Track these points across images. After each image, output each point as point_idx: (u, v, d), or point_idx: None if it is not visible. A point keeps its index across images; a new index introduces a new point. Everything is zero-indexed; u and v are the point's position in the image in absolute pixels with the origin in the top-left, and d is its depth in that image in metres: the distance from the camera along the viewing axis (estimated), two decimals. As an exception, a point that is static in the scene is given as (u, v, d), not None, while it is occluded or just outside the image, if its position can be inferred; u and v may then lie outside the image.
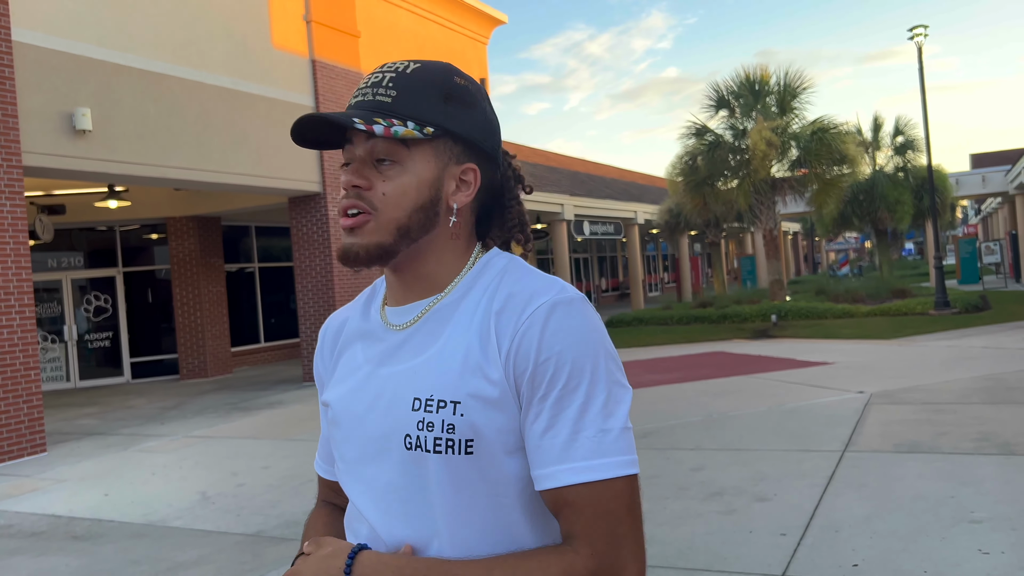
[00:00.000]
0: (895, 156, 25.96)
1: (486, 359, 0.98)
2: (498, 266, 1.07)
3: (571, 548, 0.94)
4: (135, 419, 10.42)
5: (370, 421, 1.05)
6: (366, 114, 1.00)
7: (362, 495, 1.06)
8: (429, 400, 0.99)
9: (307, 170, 12.50)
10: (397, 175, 1.01)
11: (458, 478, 0.98)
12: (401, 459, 1.01)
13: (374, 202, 1.01)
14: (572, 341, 0.96)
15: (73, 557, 4.94)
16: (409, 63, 1.04)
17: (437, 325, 1.03)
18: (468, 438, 0.97)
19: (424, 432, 0.98)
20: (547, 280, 1.03)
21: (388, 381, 1.04)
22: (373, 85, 1.03)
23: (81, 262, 15.11)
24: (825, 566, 3.92)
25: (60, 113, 8.89)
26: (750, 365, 11.18)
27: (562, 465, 0.94)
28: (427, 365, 1.01)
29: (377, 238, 1.01)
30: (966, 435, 6.26)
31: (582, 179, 28.43)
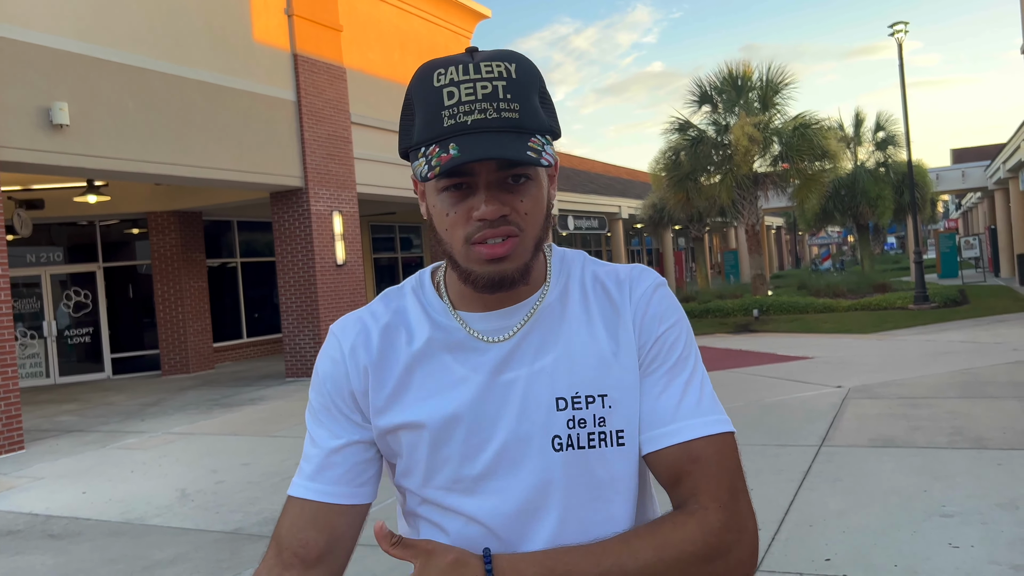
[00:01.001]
0: (876, 151, 26.17)
1: (618, 348, 1.03)
2: (577, 261, 1.11)
3: (698, 504, 0.97)
4: (115, 416, 10.36)
5: (502, 431, 1.01)
6: (516, 140, 0.94)
7: (490, 510, 1.01)
8: (576, 397, 1.00)
9: (289, 165, 12.45)
10: (530, 190, 0.99)
11: (605, 470, 1.01)
12: (546, 463, 1.00)
13: (520, 223, 0.98)
14: (680, 315, 1.07)
15: (49, 556, 4.92)
16: (504, 62, 0.97)
17: (552, 324, 1.04)
18: (619, 428, 1.01)
19: (576, 430, 1.00)
20: (634, 264, 1.12)
21: (514, 386, 1.01)
22: (488, 98, 0.94)
23: (61, 257, 14.99)
24: (798, 560, 3.96)
25: (37, 107, 8.81)
26: (731, 360, 11.25)
27: (691, 420, 1.00)
28: (560, 364, 1.02)
29: (525, 258, 0.99)
30: (940, 429, 6.33)
31: (567, 174, 28.46)
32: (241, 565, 4.45)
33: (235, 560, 4.54)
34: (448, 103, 0.94)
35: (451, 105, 0.94)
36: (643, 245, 41.14)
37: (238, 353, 16.95)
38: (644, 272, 1.09)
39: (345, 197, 13.52)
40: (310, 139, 12.78)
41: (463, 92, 0.94)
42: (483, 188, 0.95)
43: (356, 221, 13.77)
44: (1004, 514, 4.37)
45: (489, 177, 0.96)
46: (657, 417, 1.01)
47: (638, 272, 1.09)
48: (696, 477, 0.99)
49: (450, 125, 0.93)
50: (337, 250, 13.24)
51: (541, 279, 1.07)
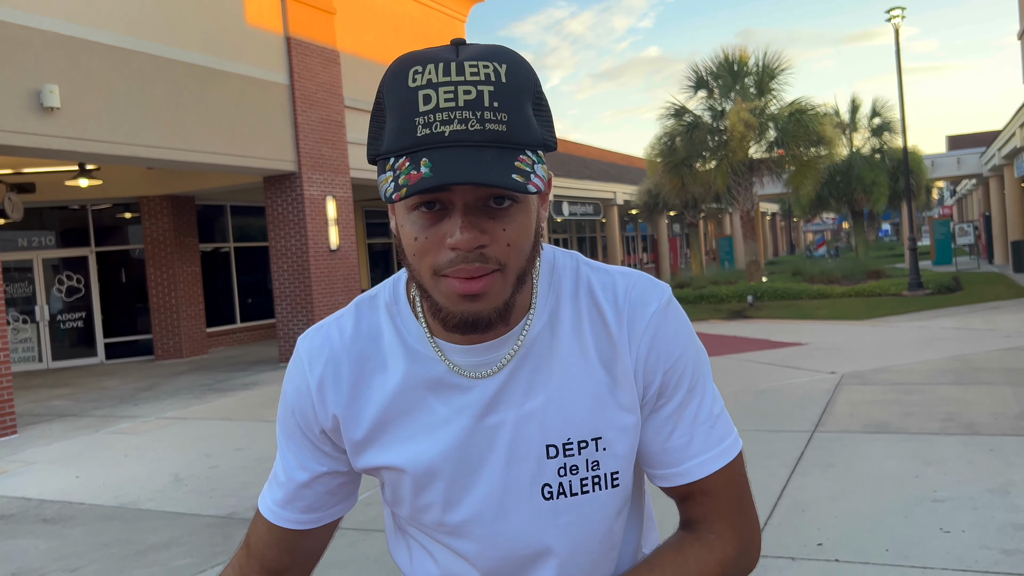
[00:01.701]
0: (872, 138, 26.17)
1: (614, 386, 0.93)
2: (569, 268, 0.96)
3: (713, 534, 0.97)
4: (108, 400, 10.34)
5: (486, 479, 0.94)
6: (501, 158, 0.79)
7: (478, 553, 0.96)
8: (567, 444, 0.92)
9: (282, 149, 12.38)
10: (515, 217, 0.83)
11: (600, 513, 0.97)
12: (536, 511, 0.94)
13: (500, 258, 0.82)
14: (686, 340, 0.97)
15: (42, 540, 4.92)
16: (492, 63, 0.81)
17: (541, 359, 0.93)
18: (614, 471, 0.95)
19: (568, 477, 0.93)
20: (635, 277, 0.96)
21: (500, 431, 0.92)
22: (471, 106, 0.78)
23: (53, 241, 14.91)
24: (791, 545, 3.97)
25: (28, 90, 8.73)
26: (725, 346, 11.27)
27: (701, 457, 0.96)
28: (550, 407, 0.92)
29: (504, 297, 0.85)
30: (933, 415, 6.35)
31: (562, 159, 28.39)
32: (235, 549, 4.44)
33: (228, 544, 4.54)
34: (423, 109, 0.79)
35: (427, 111, 0.79)
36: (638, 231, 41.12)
37: (231, 338, 16.92)
38: (646, 292, 0.95)
39: (339, 182, 13.46)
40: (303, 123, 12.70)
41: (442, 97, 0.79)
42: (460, 212, 0.81)
43: (350, 206, 13.72)
44: (995, 499, 4.39)
45: (467, 198, 0.81)
46: (669, 457, 0.97)
47: (639, 293, 0.95)
48: (709, 505, 0.98)
49: (424, 135, 0.79)
50: (331, 235, 13.20)
51: (527, 304, 0.93)
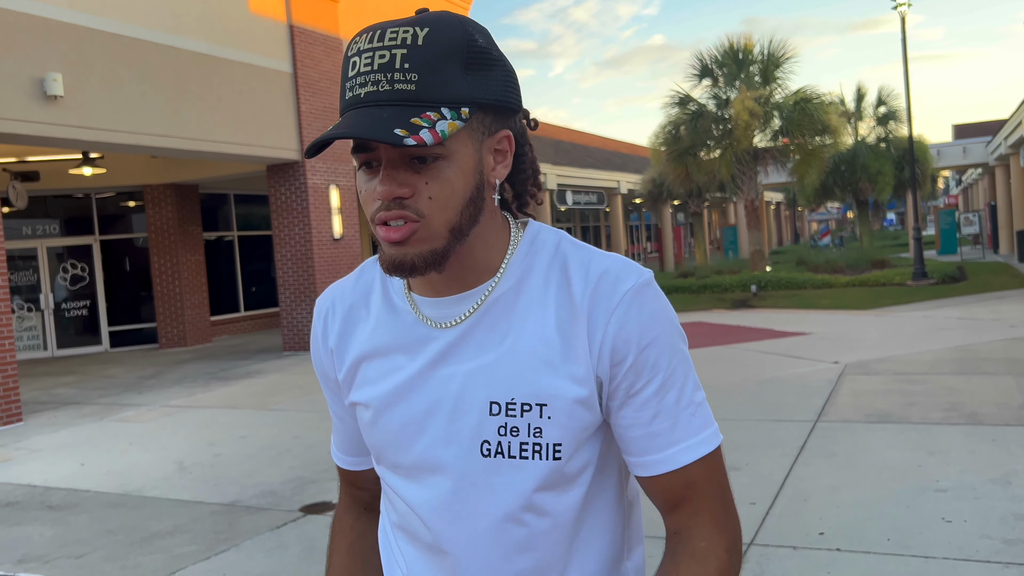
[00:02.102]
0: (877, 126, 26.04)
1: (567, 356, 0.92)
2: (548, 244, 0.98)
3: (704, 542, 0.95)
4: (113, 388, 10.38)
5: (432, 428, 0.96)
6: (398, 114, 0.84)
7: (422, 501, 0.99)
8: (511, 404, 0.93)
9: (285, 138, 12.37)
10: (441, 172, 0.88)
11: (542, 481, 0.94)
12: (473, 467, 0.95)
13: (421, 209, 0.88)
14: (664, 324, 0.94)
15: (48, 527, 4.95)
16: (413, 27, 0.86)
17: (499, 317, 0.95)
18: (556, 442, 0.93)
19: (507, 438, 0.93)
20: (614, 258, 0.97)
21: (450, 383, 0.95)
22: (384, 68, 0.84)
23: (57, 230, 14.94)
24: (792, 534, 3.99)
25: (31, 78, 8.72)
26: (728, 335, 11.27)
27: (677, 447, 0.94)
28: (500, 364, 0.94)
29: (430, 245, 0.89)
30: (935, 405, 6.35)
31: (565, 148, 28.32)
32: (239, 536, 4.47)
33: (232, 531, 4.57)
34: (350, 74, 0.87)
35: (352, 76, 0.87)
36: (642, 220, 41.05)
37: (235, 327, 16.96)
38: (622, 272, 0.95)
39: (342, 170, 13.45)
40: (306, 111, 12.69)
41: (363, 62, 0.86)
42: (383, 167, 0.88)
43: (353, 194, 13.72)
44: (997, 489, 4.40)
45: (390, 155, 0.87)
46: (653, 442, 0.95)
47: (614, 272, 0.94)
48: (694, 503, 0.96)
49: (348, 99, 0.87)
50: (334, 224, 13.20)
51: (498, 261, 0.97)
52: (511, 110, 0.93)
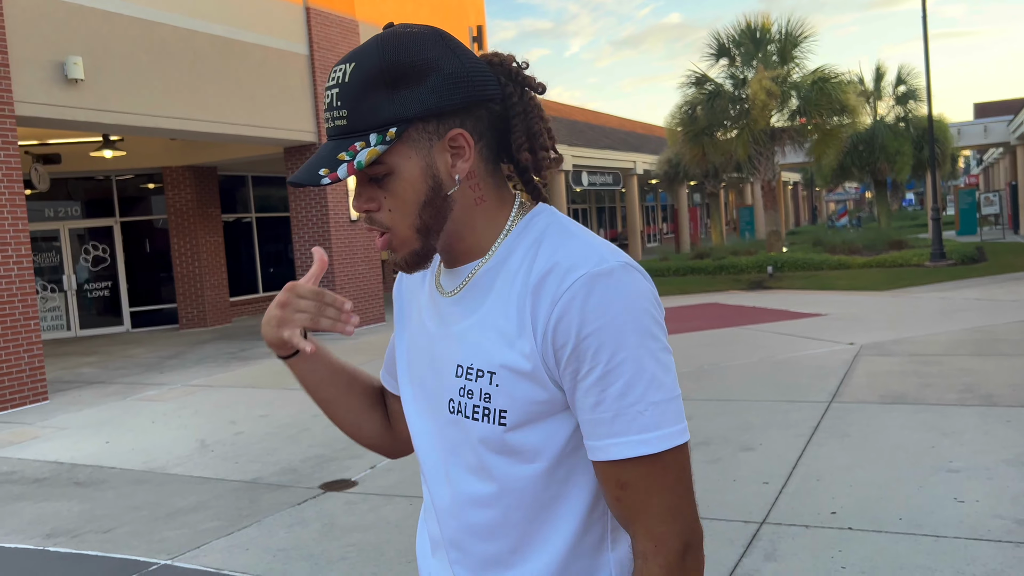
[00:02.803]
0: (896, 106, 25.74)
1: (520, 332, 0.97)
2: (537, 228, 1.03)
3: (639, 551, 0.97)
4: (135, 368, 10.54)
5: (428, 380, 1.10)
6: (331, 151, 0.97)
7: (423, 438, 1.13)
8: (470, 368, 1.01)
9: (302, 120, 12.43)
10: (392, 186, 0.98)
11: (488, 444, 1.01)
12: (445, 420, 1.06)
13: (384, 222, 1.00)
14: (613, 315, 0.92)
15: (76, 502, 5.08)
16: (344, 65, 0.97)
17: (480, 291, 1.03)
18: (502, 408, 0.98)
19: (464, 399, 1.02)
20: (586, 247, 0.97)
21: (439, 343, 1.07)
22: (329, 108, 0.98)
23: (78, 212, 15.11)
24: (805, 513, 4.04)
25: (52, 62, 8.82)
26: (744, 316, 11.27)
27: (614, 439, 0.93)
28: (468, 333, 1.02)
29: (407, 248, 1.01)
30: (951, 386, 6.36)
31: (581, 128, 28.23)
32: (260, 513, 4.58)
33: (254, 508, 4.68)
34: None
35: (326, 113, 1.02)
36: (658, 201, 40.88)
37: (254, 307, 17.12)
38: (577, 263, 0.95)
39: (359, 152, 13.49)
40: (323, 93, 12.72)
41: (325, 103, 1.00)
42: (356, 186, 1.02)
43: (370, 176, 13.76)
44: (1010, 470, 4.42)
45: (356, 176, 1.00)
46: (588, 429, 0.96)
47: (567, 263, 0.96)
48: (629, 506, 0.96)
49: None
50: (351, 206, 13.25)
51: (491, 243, 1.04)
52: (459, 108, 0.97)
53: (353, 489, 4.94)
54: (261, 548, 4.11)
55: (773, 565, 3.48)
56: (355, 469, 5.32)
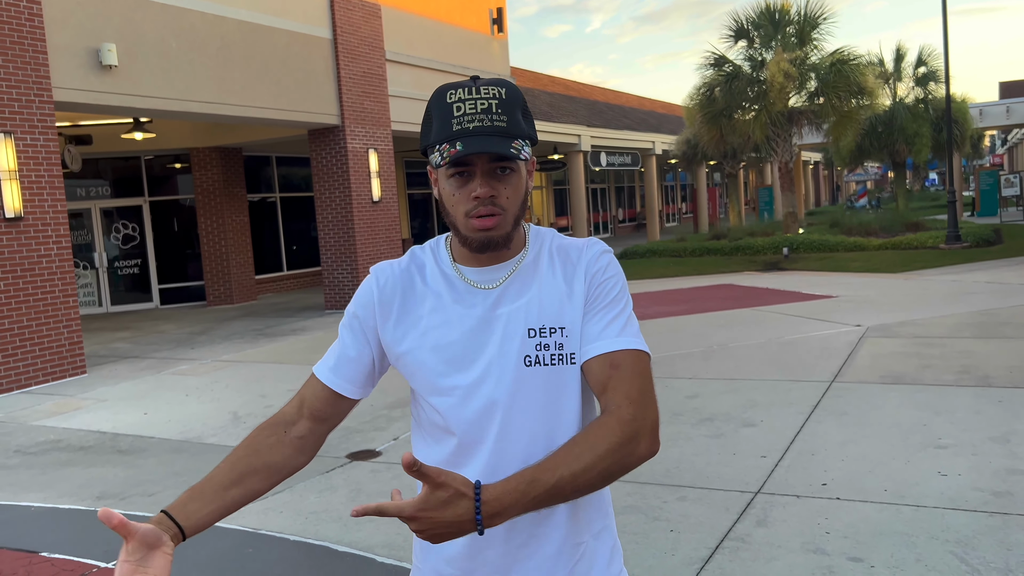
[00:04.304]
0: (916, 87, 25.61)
1: (572, 293, 1.38)
2: (547, 234, 1.46)
3: (616, 404, 1.29)
4: (166, 343, 10.97)
5: (491, 351, 1.35)
6: (503, 141, 1.29)
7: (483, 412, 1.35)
8: (543, 329, 1.35)
9: (326, 103, 12.72)
10: (513, 180, 1.33)
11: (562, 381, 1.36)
12: (519, 375, 1.34)
13: (503, 204, 1.32)
14: (616, 271, 1.41)
15: (120, 469, 5.47)
16: (496, 89, 1.31)
17: (527, 278, 1.39)
18: (572, 352, 1.36)
19: (543, 352, 1.35)
20: (587, 239, 1.48)
21: (499, 320, 1.36)
22: (485, 112, 1.28)
23: (109, 191, 15.54)
24: (797, 484, 4.33)
25: (87, 49, 9.16)
26: (756, 298, 11.50)
27: (618, 339, 1.34)
28: (532, 305, 1.36)
29: (507, 229, 1.34)
30: (950, 368, 6.61)
31: (600, 109, 28.31)
32: (292, 480, 4.94)
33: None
34: (457, 114, 1.29)
35: (459, 116, 1.29)
36: (677, 180, 40.88)
37: (279, 285, 17.54)
38: (594, 243, 1.44)
39: (380, 135, 13.79)
40: (346, 77, 13.01)
41: (467, 106, 1.29)
42: (479, 175, 1.30)
43: (391, 158, 14.07)
44: (995, 447, 4.69)
45: (484, 167, 1.30)
46: (592, 336, 1.36)
47: (590, 243, 1.44)
48: (615, 381, 1.32)
49: (458, 130, 1.28)
50: (373, 187, 13.59)
51: (521, 246, 1.42)
52: (536, 144, 1.40)
53: (377, 459, 5.30)
54: (294, 511, 4.47)
55: (763, 530, 3.78)
56: (379, 441, 5.67)
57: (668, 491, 4.38)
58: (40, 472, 5.52)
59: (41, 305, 8.57)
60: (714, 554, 3.58)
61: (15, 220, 8.32)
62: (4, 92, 8.24)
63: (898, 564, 3.35)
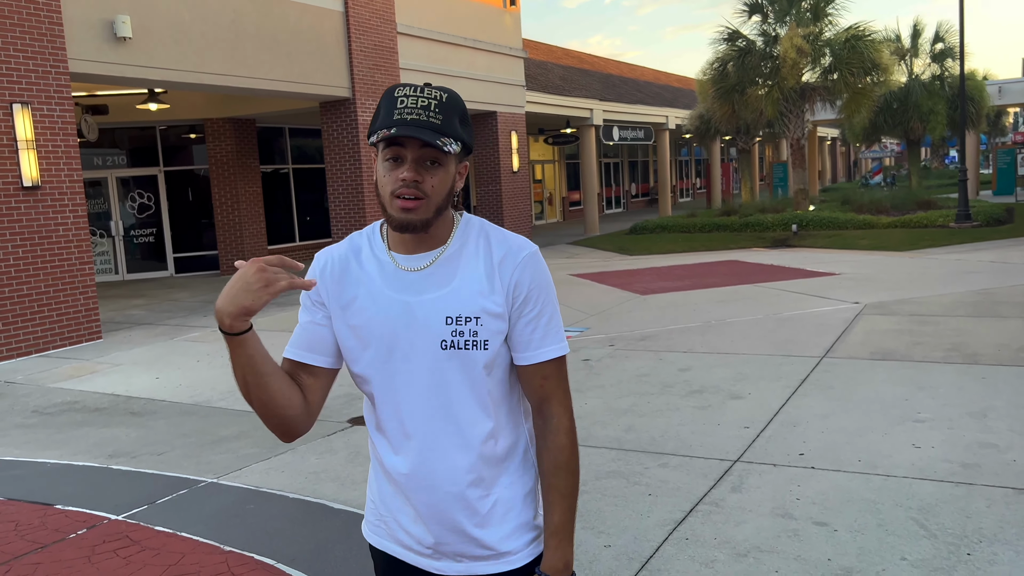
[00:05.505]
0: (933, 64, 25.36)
1: (492, 290, 1.52)
2: (475, 225, 1.58)
3: (555, 417, 1.56)
4: (180, 311, 11.24)
5: (412, 333, 1.51)
6: (433, 135, 1.44)
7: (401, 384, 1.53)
8: (459, 317, 1.50)
9: (337, 76, 12.85)
10: (439, 172, 1.47)
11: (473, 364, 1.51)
12: (437, 356, 1.51)
13: (427, 191, 1.46)
14: (545, 277, 1.57)
15: (132, 429, 5.73)
16: (440, 92, 1.48)
17: (449, 268, 1.53)
18: (485, 339, 1.51)
19: (457, 337, 1.50)
20: (516, 236, 1.59)
21: (421, 306, 1.51)
22: (424, 108, 1.45)
23: (124, 161, 15.78)
24: (776, 453, 4.51)
25: (102, 20, 9.33)
26: (759, 274, 11.62)
27: (544, 348, 1.54)
28: (451, 295, 1.51)
29: (426, 215, 1.48)
30: (940, 345, 6.74)
31: (614, 82, 28.22)
32: (295, 442, 5.16)
33: (289, 437, 5.27)
34: (399, 107, 1.46)
35: (400, 108, 1.46)
36: (692, 155, 40.70)
37: (291, 255, 17.78)
38: (522, 246, 1.57)
39: (391, 107, 13.90)
40: (357, 50, 13.12)
41: (409, 102, 1.46)
42: (410, 161, 1.46)
43: (402, 131, 14.18)
44: (972, 421, 4.84)
45: (414, 155, 1.45)
46: (526, 344, 1.55)
47: (517, 245, 1.57)
48: (548, 390, 1.57)
49: (397, 119, 1.45)
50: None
51: (447, 235, 1.56)
52: (470, 152, 1.56)
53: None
54: (295, 471, 4.70)
55: (737, 495, 3.97)
56: (379, 406, 5.88)
57: (651, 458, 4.57)
58: (56, 431, 5.78)
59: (58, 272, 8.83)
60: (687, 517, 3.77)
61: (32, 189, 8.55)
62: (21, 63, 8.43)
63: (860, 528, 3.53)
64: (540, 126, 24.62)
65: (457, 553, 1.57)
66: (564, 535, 1.56)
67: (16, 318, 8.43)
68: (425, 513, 1.56)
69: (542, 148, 27.34)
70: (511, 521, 1.59)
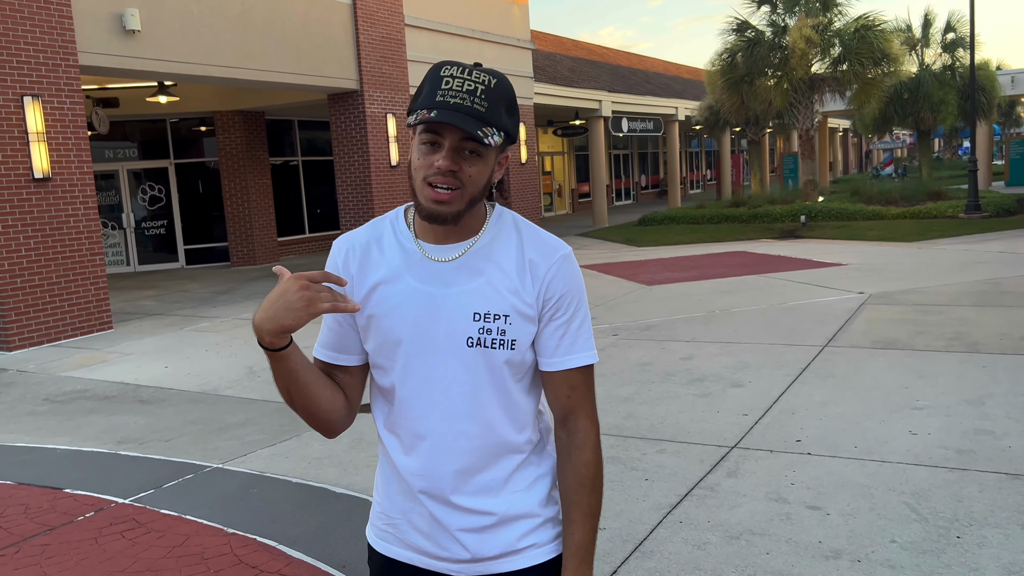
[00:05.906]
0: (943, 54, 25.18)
1: (523, 289, 1.43)
2: (508, 218, 1.50)
3: (581, 429, 1.48)
4: (190, 302, 11.35)
5: (436, 327, 1.42)
6: (476, 123, 1.34)
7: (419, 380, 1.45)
8: (487, 314, 1.42)
9: (345, 68, 12.91)
10: (478, 163, 1.37)
11: (499, 364, 1.44)
12: (462, 353, 1.42)
13: (463, 181, 1.37)
14: (578, 281, 1.49)
15: (141, 417, 5.82)
16: (488, 77, 1.36)
17: (480, 260, 1.44)
18: (513, 338, 1.42)
19: (484, 335, 1.42)
20: (550, 235, 1.51)
21: (447, 300, 1.42)
22: (469, 93, 1.34)
23: (135, 153, 15.91)
24: (773, 440, 4.56)
25: (111, 13, 9.42)
26: (767, 265, 11.62)
27: (573, 354, 1.47)
28: (480, 290, 1.42)
29: (459, 206, 1.38)
30: (942, 335, 6.75)
31: (623, 74, 28.17)
32: (299, 429, 5.25)
33: (294, 425, 5.35)
34: (443, 87, 1.36)
35: (445, 89, 1.35)
36: (702, 147, 40.58)
37: (301, 247, 17.89)
38: (558, 246, 1.49)
39: (399, 100, 13.97)
40: (365, 42, 13.17)
41: (455, 83, 1.36)
42: (447, 149, 1.36)
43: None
44: (969, 408, 4.87)
45: (452, 143, 1.35)
46: (554, 350, 1.47)
47: (552, 246, 1.49)
48: (574, 401, 1.49)
49: (439, 100, 1.34)
50: (391, 151, 13.81)
51: (479, 226, 1.48)
52: (513, 142, 1.46)
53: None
54: (299, 457, 4.78)
55: (732, 480, 4.02)
56: (383, 394, 5.95)
57: (649, 444, 4.63)
58: (66, 418, 5.89)
59: (70, 263, 8.94)
60: (682, 501, 3.82)
61: (43, 180, 8.66)
62: (32, 56, 8.53)
63: (852, 512, 3.58)
64: (549, 118, 24.62)
65: (470, 555, 1.52)
66: (586, 555, 1.49)
67: (28, 308, 8.56)
68: (437, 515, 1.50)
69: (551, 140, 27.34)
70: (525, 524, 1.52)
